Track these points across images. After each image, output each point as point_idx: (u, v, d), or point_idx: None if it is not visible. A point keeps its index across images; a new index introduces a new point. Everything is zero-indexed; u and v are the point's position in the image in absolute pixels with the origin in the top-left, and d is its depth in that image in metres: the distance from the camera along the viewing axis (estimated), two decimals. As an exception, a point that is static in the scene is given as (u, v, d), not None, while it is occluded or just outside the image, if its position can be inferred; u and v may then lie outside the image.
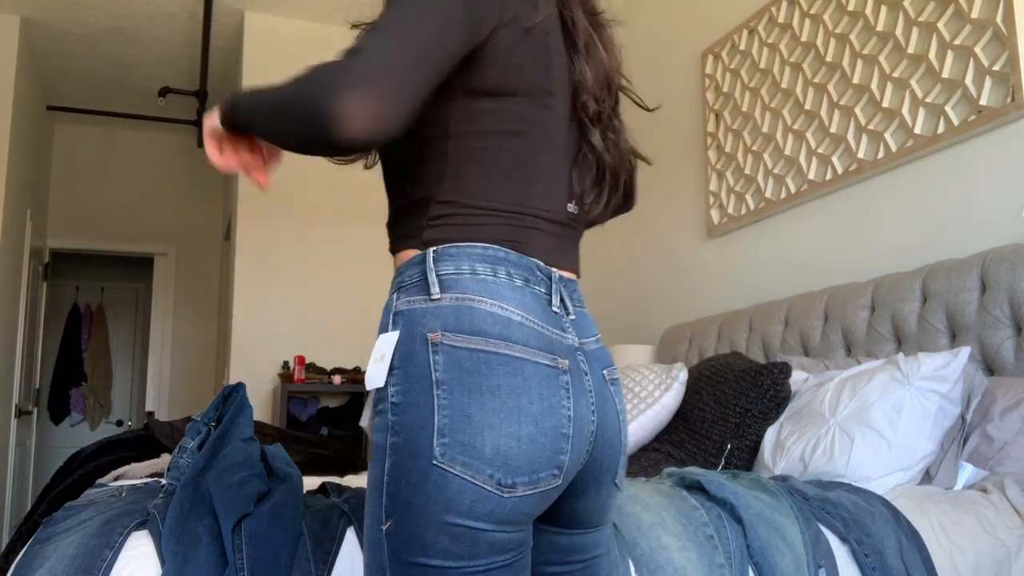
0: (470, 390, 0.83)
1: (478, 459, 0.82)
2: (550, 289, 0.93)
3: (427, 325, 0.86)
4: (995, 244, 2.14)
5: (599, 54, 1.03)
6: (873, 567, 1.45)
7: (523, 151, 0.95)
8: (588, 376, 0.92)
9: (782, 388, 2.14)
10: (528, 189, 0.95)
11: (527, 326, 0.88)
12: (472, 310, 0.86)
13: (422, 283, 0.89)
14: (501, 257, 0.90)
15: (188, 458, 1.51)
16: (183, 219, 6.10)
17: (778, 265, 3.05)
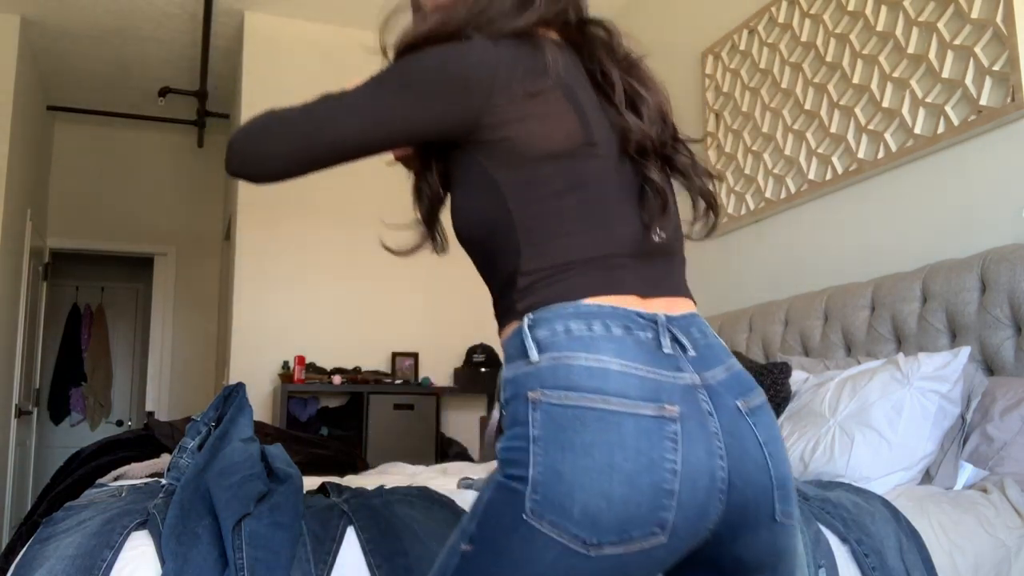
0: (563, 447, 0.83)
1: (566, 519, 0.81)
2: (657, 332, 0.91)
3: (528, 385, 0.87)
4: (995, 244, 2.14)
5: (643, 97, 1.03)
6: (873, 567, 1.45)
7: (583, 202, 0.95)
8: (713, 416, 0.88)
9: (782, 388, 2.14)
10: (600, 234, 0.95)
11: (628, 374, 0.86)
12: (568, 367, 0.86)
13: (522, 350, 0.90)
14: (595, 311, 0.90)
15: (188, 458, 1.51)
16: (183, 219, 6.10)
17: (778, 265, 3.05)
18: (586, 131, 0.97)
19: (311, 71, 4.56)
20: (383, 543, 1.29)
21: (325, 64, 4.57)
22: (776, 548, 0.92)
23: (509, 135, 0.94)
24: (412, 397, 4.17)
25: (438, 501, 1.46)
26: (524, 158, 0.94)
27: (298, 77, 4.55)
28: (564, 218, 0.95)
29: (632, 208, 0.99)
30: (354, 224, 4.48)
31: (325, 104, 0.98)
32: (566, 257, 0.93)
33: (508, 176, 0.95)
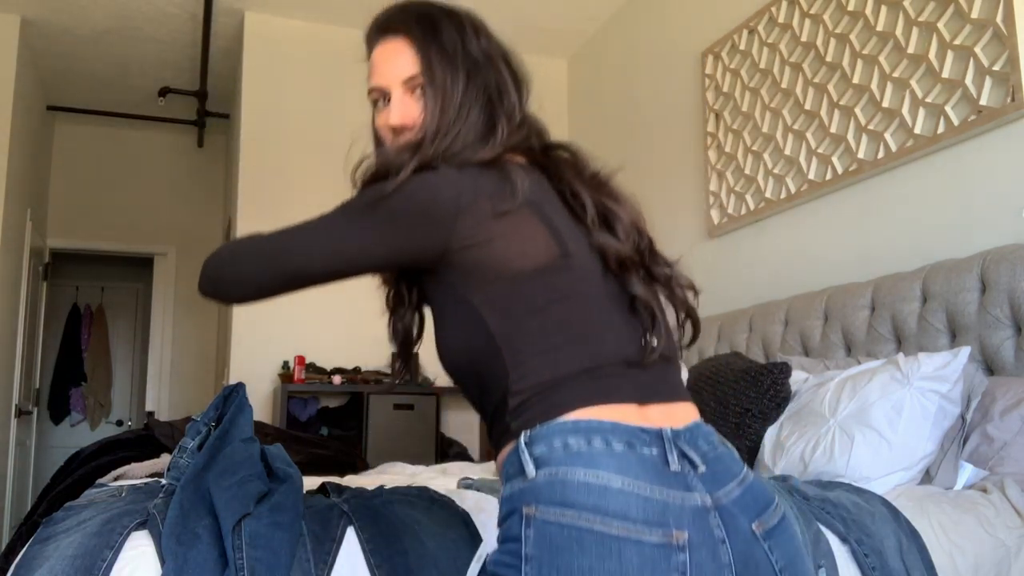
0: (558, 570, 0.77)
1: None
2: (664, 448, 0.86)
3: (523, 500, 0.84)
4: (995, 244, 2.14)
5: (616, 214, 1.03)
6: (873, 567, 1.45)
7: (566, 315, 0.94)
8: (726, 543, 0.81)
9: (782, 388, 2.14)
10: (587, 346, 0.94)
11: (629, 492, 0.80)
12: (565, 482, 0.82)
13: (519, 467, 0.86)
14: (594, 427, 0.86)
15: (188, 458, 1.51)
16: (183, 219, 6.10)
17: (778, 265, 3.05)
18: (560, 244, 0.96)
19: (311, 71, 4.56)
20: (383, 543, 1.29)
21: (325, 64, 4.57)
22: None
23: (480, 257, 0.93)
24: (412, 397, 4.17)
25: (438, 501, 1.46)
26: (499, 278, 0.93)
27: (298, 77, 4.55)
28: (548, 333, 0.93)
29: (620, 316, 0.98)
30: (354, 224, 4.48)
31: (293, 233, 0.99)
32: (555, 372, 0.91)
33: (484, 298, 0.93)
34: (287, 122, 4.50)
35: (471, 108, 1.02)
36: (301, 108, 4.52)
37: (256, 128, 4.47)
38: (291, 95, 4.52)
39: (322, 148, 4.54)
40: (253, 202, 4.42)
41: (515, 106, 1.06)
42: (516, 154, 1.05)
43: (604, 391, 0.90)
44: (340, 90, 4.58)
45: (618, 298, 0.99)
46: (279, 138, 4.48)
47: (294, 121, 4.50)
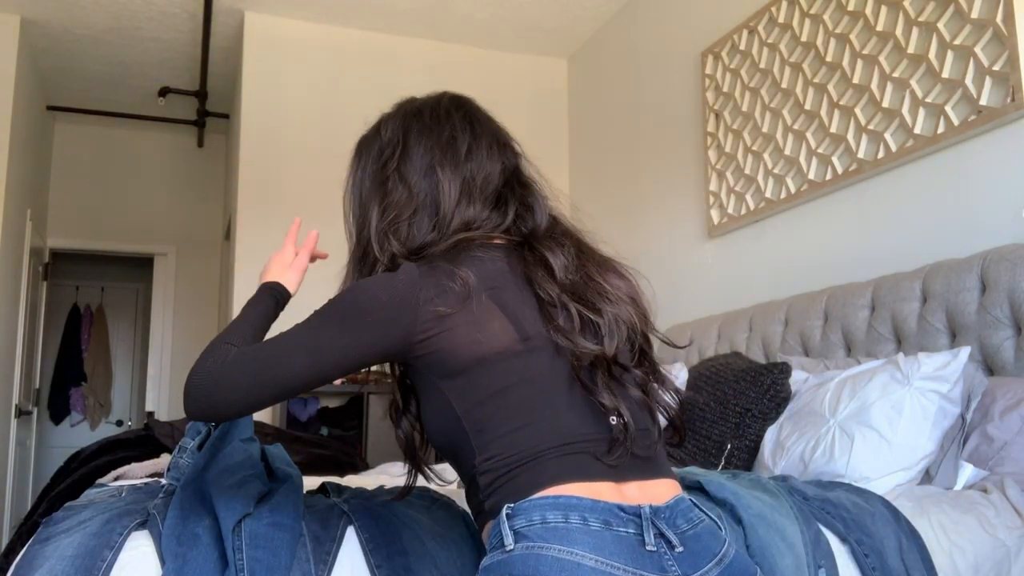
0: None
1: None
2: (640, 527, 0.87)
3: (499, 572, 0.85)
4: (995, 244, 2.14)
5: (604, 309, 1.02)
6: (873, 567, 1.45)
7: (529, 396, 0.96)
8: None
9: (782, 388, 2.14)
10: (553, 424, 0.95)
11: (602, 572, 0.81)
12: (539, 556, 0.83)
13: (499, 538, 0.88)
14: (574, 504, 0.87)
15: (188, 458, 1.51)
16: (183, 219, 6.10)
17: (778, 265, 3.05)
18: (520, 332, 0.98)
19: (311, 71, 4.56)
20: (383, 543, 1.29)
21: (325, 64, 4.57)
22: None
23: (440, 347, 0.97)
24: (412, 397, 4.17)
25: (438, 501, 1.46)
26: (459, 366, 0.97)
27: (298, 77, 4.55)
28: (510, 415, 0.95)
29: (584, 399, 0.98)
30: (354, 224, 4.48)
31: (271, 344, 1.00)
32: (521, 451, 0.93)
33: (450, 385, 0.98)
34: (287, 122, 4.50)
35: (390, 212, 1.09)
36: (301, 108, 4.52)
37: (256, 128, 4.46)
38: (291, 95, 4.52)
39: (322, 148, 4.54)
40: (253, 202, 4.42)
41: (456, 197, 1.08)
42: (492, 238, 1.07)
43: (577, 468, 0.91)
44: (340, 90, 4.58)
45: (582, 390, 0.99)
46: (279, 138, 4.48)
47: (294, 121, 4.50)
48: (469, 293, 0.98)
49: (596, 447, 0.94)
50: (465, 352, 0.97)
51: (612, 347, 0.99)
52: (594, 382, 0.98)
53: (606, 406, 0.97)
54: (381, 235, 1.08)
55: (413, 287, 0.98)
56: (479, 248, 1.04)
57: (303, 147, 4.50)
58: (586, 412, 0.97)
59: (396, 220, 1.08)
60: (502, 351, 0.97)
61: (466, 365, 0.97)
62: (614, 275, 1.09)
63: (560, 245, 1.07)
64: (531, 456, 0.92)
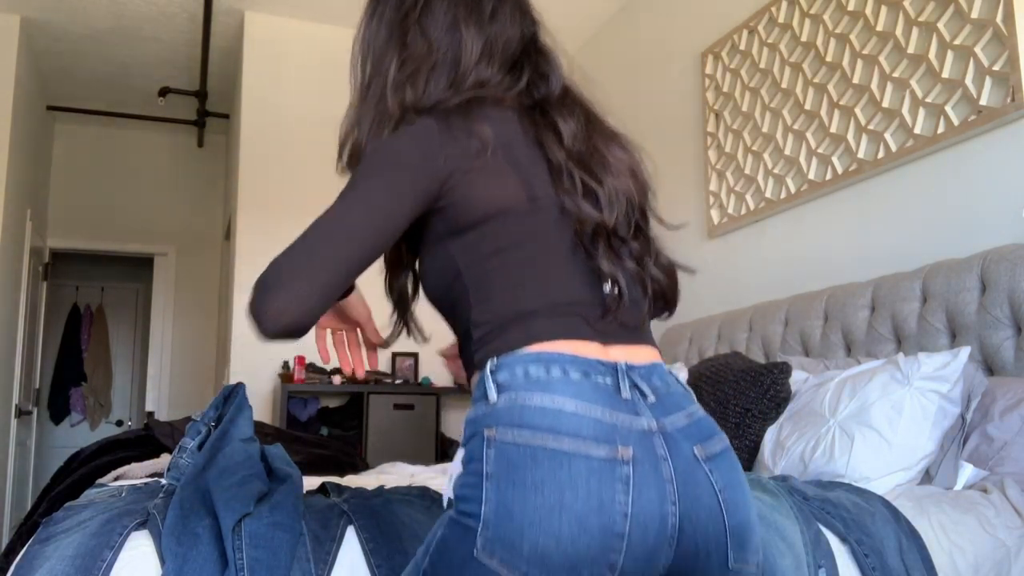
0: (515, 483, 0.84)
1: (515, 555, 0.82)
2: (616, 379, 0.92)
3: (485, 424, 0.89)
4: (995, 244, 2.14)
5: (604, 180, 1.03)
6: (873, 567, 1.45)
7: (531, 256, 0.99)
8: (668, 461, 0.88)
9: (782, 388, 2.14)
10: (551, 285, 0.98)
11: (582, 415, 0.87)
12: (523, 407, 0.88)
13: (483, 391, 0.93)
14: (555, 358, 0.92)
15: (188, 458, 1.51)
16: (183, 219, 6.10)
17: (778, 265, 3.05)
18: (528, 189, 1.00)
19: (311, 71, 4.56)
20: (383, 543, 1.29)
21: (325, 64, 4.57)
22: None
23: (456, 200, 0.98)
24: (412, 397, 4.17)
25: (438, 501, 1.46)
26: (468, 219, 0.98)
27: (298, 77, 4.55)
28: (510, 272, 0.97)
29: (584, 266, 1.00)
30: (354, 224, 4.48)
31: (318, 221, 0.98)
32: (516, 308, 0.96)
33: (456, 238, 0.99)
34: (287, 122, 4.50)
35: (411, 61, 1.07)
36: (301, 108, 4.52)
37: (256, 128, 4.47)
38: (291, 95, 4.52)
39: (322, 148, 4.53)
40: (253, 202, 4.42)
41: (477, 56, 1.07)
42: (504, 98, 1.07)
43: (566, 328, 0.95)
44: (340, 90, 4.56)
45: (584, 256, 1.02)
46: (279, 138, 4.48)
47: (294, 121, 4.50)
48: (485, 148, 0.98)
49: (588, 311, 0.97)
50: (477, 207, 0.98)
51: (611, 218, 1.01)
52: (595, 248, 1.01)
53: (604, 272, 1.00)
54: (397, 87, 1.06)
55: (436, 140, 0.98)
56: (491, 107, 1.05)
57: (303, 147, 4.50)
58: (583, 278, 1.00)
59: (415, 74, 1.06)
60: (511, 208, 0.99)
61: (476, 220, 0.98)
62: (618, 147, 1.10)
63: (571, 113, 1.08)
64: (524, 314, 0.96)
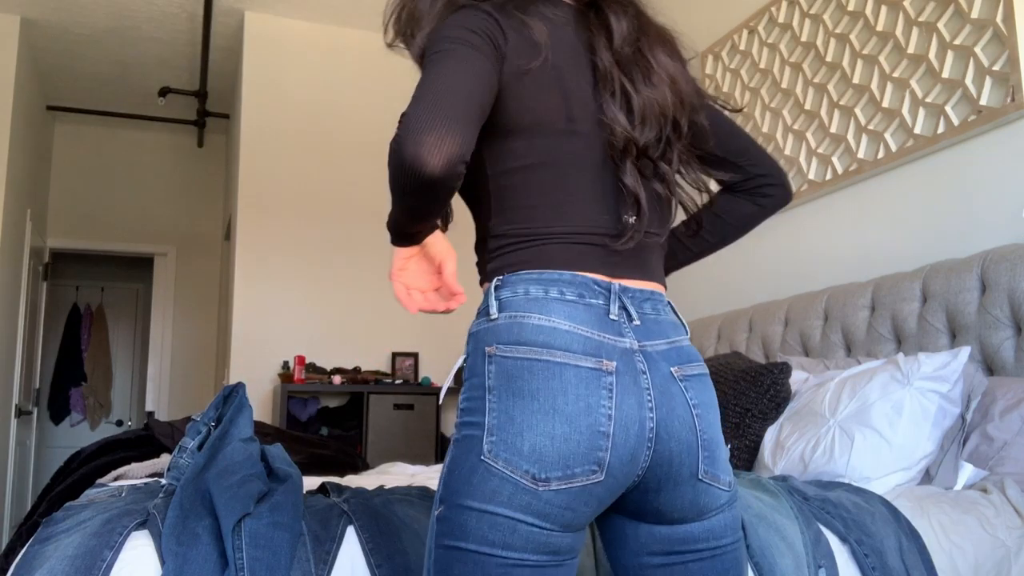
0: (514, 393, 0.92)
1: (517, 455, 0.89)
2: (608, 300, 0.98)
3: (486, 340, 0.96)
4: (995, 244, 2.14)
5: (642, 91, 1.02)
6: (873, 567, 1.45)
7: (556, 178, 1.00)
8: (646, 375, 0.95)
9: (782, 388, 2.14)
10: (570, 211, 1.00)
11: (573, 333, 0.94)
12: (522, 325, 0.94)
13: (486, 307, 0.99)
14: (555, 279, 0.97)
15: (188, 458, 1.51)
16: (183, 219, 6.10)
17: (778, 265, 3.05)
18: (567, 111, 1.00)
19: (311, 71, 4.56)
20: (383, 543, 1.29)
21: (325, 64, 4.57)
22: (698, 505, 0.98)
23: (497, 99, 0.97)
24: (412, 397, 4.17)
25: (438, 501, 1.46)
26: (502, 126, 0.99)
27: (298, 77, 4.55)
28: (532, 192, 1.00)
29: (610, 194, 1.02)
30: (354, 224, 4.49)
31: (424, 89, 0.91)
32: (532, 228, 0.99)
33: (488, 142, 1.00)
34: (287, 122, 4.50)
35: None
36: (301, 108, 4.52)
37: (256, 128, 4.47)
38: (291, 95, 4.53)
39: (322, 148, 4.54)
40: (253, 202, 4.42)
41: None
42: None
43: (577, 257, 0.99)
44: (340, 90, 4.58)
45: (613, 176, 1.02)
46: (279, 138, 4.48)
47: (294, 121, 4.51)
48: (537, 53, 0.98)
49: (602, 240, 1.00)
50: (513, 116, 0.99)
51: (642, 134, 1.01)
52: (623, 164, 1.02)
53: (628, 189, 1.01)
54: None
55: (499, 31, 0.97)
56: (546, 3, 1.04)
57: (303, 147, 4.50)
58: (606, 205, 1.01)
59: None
60: (546, 126, 1.00)
61: (510, 129, 0.99)
62: (663, 52, 1.07)
63: (624, 11, 1.07)
64: (540, 236, 0.99)
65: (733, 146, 1.17)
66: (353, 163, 4.49)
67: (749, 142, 1.19)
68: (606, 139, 1.01)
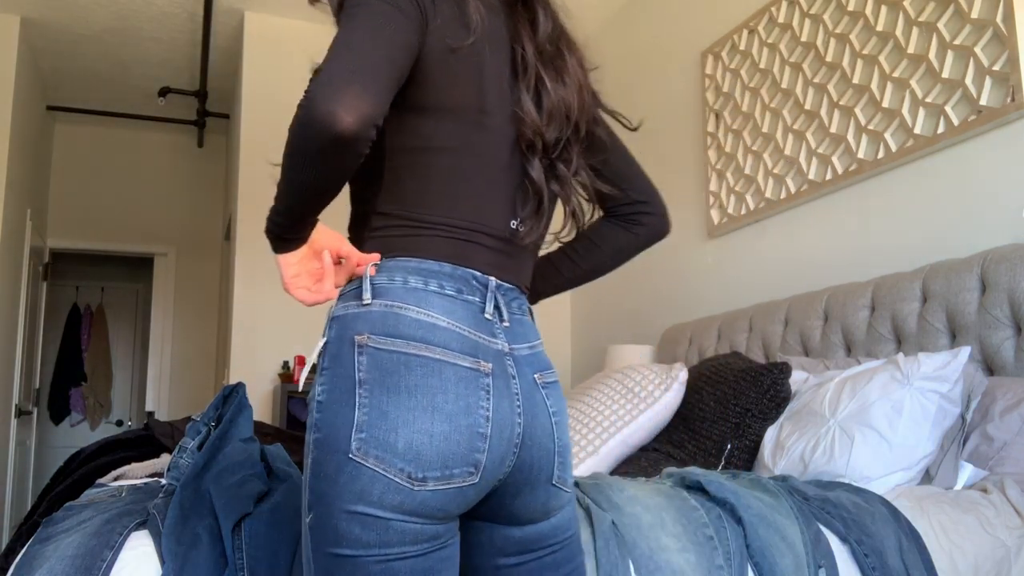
0: (389, 389, 0.87)
1: (391, 453, 0.86)
2: (484, 297, 0.97)
3: (356, 328, 0.91)
4: (995, 244, 2.14)
5: (554, 89, 1.03)
6: (873, 567, 1.45)
7: (455, 167, 0.98)
8: (516, 380, 0.95)
9: (782, 388, 2.14)
10: (463, 204, 0.98)
11: (451, 330, 0.91)
12: (398, 316, 0.90)
13: (357, 291, 0.94)
14: (435, 270, 0.94)
15: (188, 458, 1.51)
16: (183, 219, 6.10)
17: (778, 265, 3.05)
18: (482, 101, 0.98)
19: (311, 71, 4.56)
20: (383, 543, 1.29)
21: (325, 64, 4.57)
22: (547, 507, 1.00)
23: (413, 74, 0.94)
24: (412, 397, 4.16)
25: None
26: (413, 104, 0.96)
27: (298, 77, 4.53)
28: (430, 177, 0.97)
29: (506, 192, 1.01)
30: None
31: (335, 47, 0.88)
32: (420, 215, 0.96)
33: (395, 116, 0.94)
34: (287, 122, 4.48)
35: None
36: (301, 108, 4.51)
37: (256, 128, 4.47)
38: (291, 95, 4.48)
39: (322, 148, 4.54)
40: (253, 202, 4.42)
41: None
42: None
43: (460, 253, 0.97)
44: (340, 90, 4.58)
45: (514, 175, 1.02)
46: (279, 138, 4.43)
47: (294, 121, 4.50)
48: (469, 33, 0.96)
49: (493, 239, 1.00)
50: (428, 95, 0.96)
51: (551, 132, 1.02)
52: (530, 158, 1.02)
53: (534, 183, 1.01)
54: None
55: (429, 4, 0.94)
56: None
57: (303, 147, 4.50)
58: (503, 203, 1.01)
59: None
60: (458, 112, 0.97)
61: (422, 107, 0.96)
62: (576, 59, 1.09)
63: (547, 11, 1.07)
64: (429, 224, 0.96)
65: (622, 169, 1.20)
66: (353, 163, 4.49)
67: (639, 171, 1.22)
68: (514, 135, 1.00)
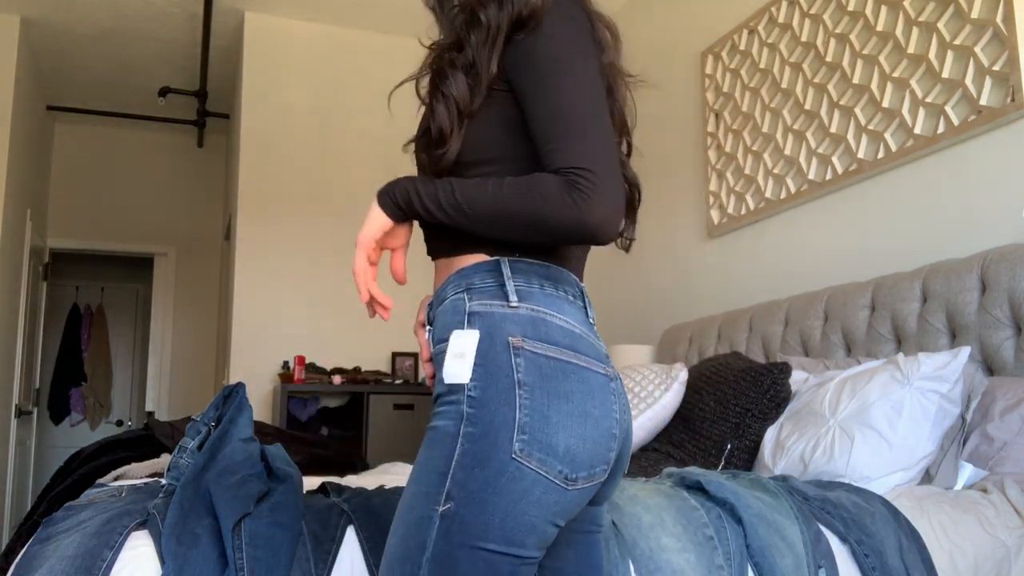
0: (549, 393, 0.91)
1: (552, 456, 0.89)
2: (584, 300, 1.02)
3: (508, 330, 0.93)
4: (995, 244, 2.14)
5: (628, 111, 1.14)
6: (873, 567, 1.45)
7: None
8: (618, 381, 0.99)
9: (782, 388, 2.14)
10: None
11: (585, 338, 0.96)
12: (546, 322, 0.94)
13: (497, 290, 0.96)
14: (557, 276, 0.99)
15: (188, 458, 1.51)
16: (183, 219, 6.10)
17: (778, 265, 3.05)
18: None
19: (311, 71, 4.56)
20: (383, 543, 1.29)
21: (325, 64, 4.57)
22: (611, 493, 1.06)
23: None
24: (412, 397, 4.17)
25: (438, 501, 1.45)
26: None
27: (298, 77, 4.55)
28: None
29: None
30: (354, 223, 4.48)
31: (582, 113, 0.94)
32: None
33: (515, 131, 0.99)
34: (287, 122, 4.50)
35: None
36: (301, 108, 4.52)
37: (256, 128, 4.47)
38: (291, 95, 4.52)
39: (322, 148, 4.54)
40: (253, 202, 4.42)
41: None
42: None
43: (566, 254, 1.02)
44: (340, 90, 4.58)
45: None
46: (279, 137, 4.48)
47: (294, 121, 4.50)
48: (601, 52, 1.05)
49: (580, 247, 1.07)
50: None
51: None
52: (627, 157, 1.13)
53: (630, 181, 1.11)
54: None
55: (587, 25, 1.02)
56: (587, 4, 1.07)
57: (303, 147, 4.50)
58: None
59: None
60: None
61: None
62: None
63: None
64: None
65: None
66: (353, 163, 4.49)
67: None
68: None
